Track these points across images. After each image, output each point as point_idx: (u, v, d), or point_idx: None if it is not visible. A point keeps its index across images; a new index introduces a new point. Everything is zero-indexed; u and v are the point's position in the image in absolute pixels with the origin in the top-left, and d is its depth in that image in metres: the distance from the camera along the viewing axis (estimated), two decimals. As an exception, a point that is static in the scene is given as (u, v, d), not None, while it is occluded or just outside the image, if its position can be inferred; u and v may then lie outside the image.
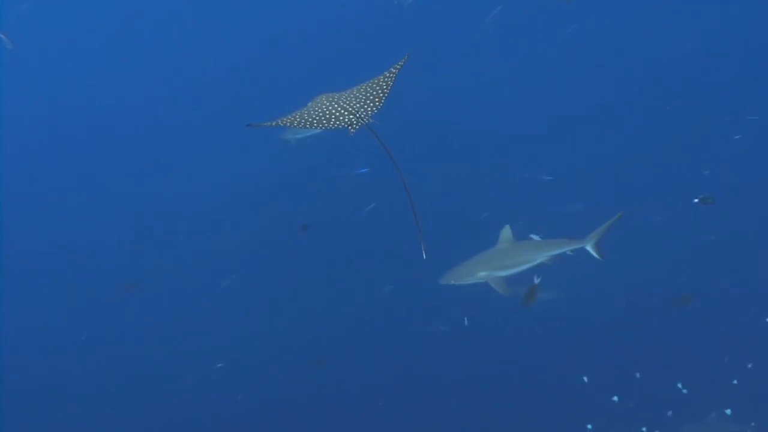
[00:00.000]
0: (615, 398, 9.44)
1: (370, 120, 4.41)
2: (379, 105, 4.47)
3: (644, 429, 9.36)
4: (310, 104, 4.70)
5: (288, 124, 4.54)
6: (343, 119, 4.39)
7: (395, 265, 11.92)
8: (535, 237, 7.41)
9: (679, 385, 9.47)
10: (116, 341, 13.06)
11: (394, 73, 4.55)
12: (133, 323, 13.18)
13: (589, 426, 9.47)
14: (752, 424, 9.06)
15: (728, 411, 9.14)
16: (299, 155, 12.40)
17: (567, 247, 7.11)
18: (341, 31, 16.98)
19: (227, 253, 13.66)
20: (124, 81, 16.36)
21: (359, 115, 4.40)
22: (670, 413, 9.57)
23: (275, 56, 16.26)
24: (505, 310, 11.22)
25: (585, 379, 9.81)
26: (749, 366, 9.95)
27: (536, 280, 6.59)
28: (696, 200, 8.16)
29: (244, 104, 14.87)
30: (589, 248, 7.14)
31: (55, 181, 15.95)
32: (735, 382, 9.73)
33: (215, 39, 16.73)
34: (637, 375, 9.75)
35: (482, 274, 7.12)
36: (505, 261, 7.12)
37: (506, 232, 7.31)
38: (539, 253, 7.11)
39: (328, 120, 4.43)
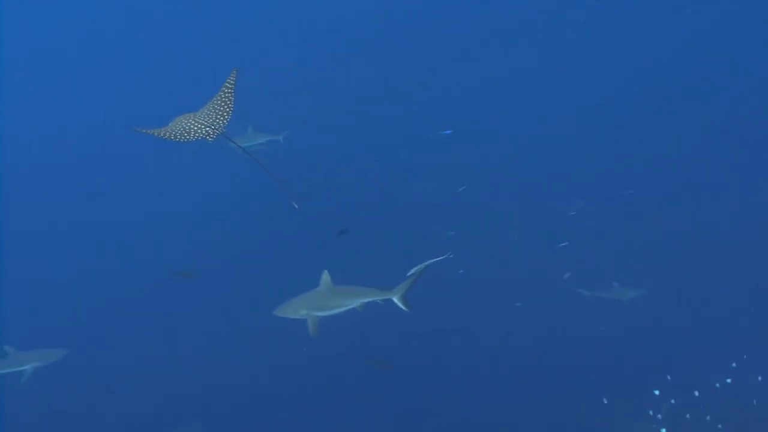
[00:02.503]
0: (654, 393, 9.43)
1: (224, 131, 5.35)
2: (228, 117, 5.36)
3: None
4: (171, 123, 5.45)
5: (157, 135, 5.29)
6: (201, 131, 5.27)
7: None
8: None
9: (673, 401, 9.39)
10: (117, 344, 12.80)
11: (231, 89, 5.41)
12: (135, 325, 13.00)
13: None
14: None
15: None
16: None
17: (376, 297, 7.42)
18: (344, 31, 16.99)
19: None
20: (127, 80, 16.52)
21: (214, 127, 5.30)
22: (688, 416, 9.39)
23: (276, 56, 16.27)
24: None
25: (605, 401, 9.69)
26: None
27: None
28: None
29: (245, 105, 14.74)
30: (395, 300, 7.34)
31: (52, 181, 15.86)
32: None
33: (214, 39, 16.80)
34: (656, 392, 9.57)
35: (303, 312, 7.48)
36: (324, 303, 7.54)
37: (326, 276, 7.70)
38: (352, 299, 7.50)
39: (189, 133, 5.26)
